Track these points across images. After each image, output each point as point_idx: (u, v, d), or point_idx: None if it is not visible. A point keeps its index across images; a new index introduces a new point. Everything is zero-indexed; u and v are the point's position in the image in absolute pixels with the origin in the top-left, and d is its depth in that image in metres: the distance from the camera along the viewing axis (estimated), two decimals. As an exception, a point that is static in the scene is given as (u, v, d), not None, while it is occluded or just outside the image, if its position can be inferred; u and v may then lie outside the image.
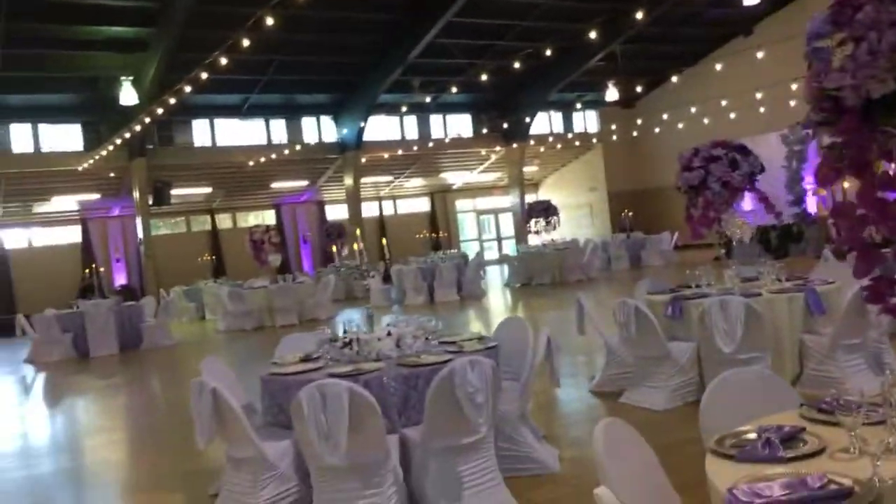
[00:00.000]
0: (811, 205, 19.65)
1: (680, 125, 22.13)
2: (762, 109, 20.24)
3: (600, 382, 6.39)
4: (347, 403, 3.52)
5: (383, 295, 15.91)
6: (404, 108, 20.47)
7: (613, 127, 25.47)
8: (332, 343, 4.54)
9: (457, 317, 13.30)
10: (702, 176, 6.10)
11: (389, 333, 4.48)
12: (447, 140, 23.46)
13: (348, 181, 22.28)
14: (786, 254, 17.44)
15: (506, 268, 19.69)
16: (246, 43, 10.48)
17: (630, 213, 21.54)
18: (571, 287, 15.54)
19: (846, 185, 17.97)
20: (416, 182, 26.41)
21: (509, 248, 25.22)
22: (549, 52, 15.81)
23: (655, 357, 5.73)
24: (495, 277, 20.53)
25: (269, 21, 9.89)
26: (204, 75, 11.99)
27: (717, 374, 5.52)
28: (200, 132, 20.79)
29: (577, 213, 27.50)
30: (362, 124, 21.21)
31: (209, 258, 21.99)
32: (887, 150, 1.84)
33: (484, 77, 17.24)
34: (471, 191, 28.05)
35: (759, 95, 19.98)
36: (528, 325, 5.20)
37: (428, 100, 20.42)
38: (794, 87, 19.78)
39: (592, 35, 14.41)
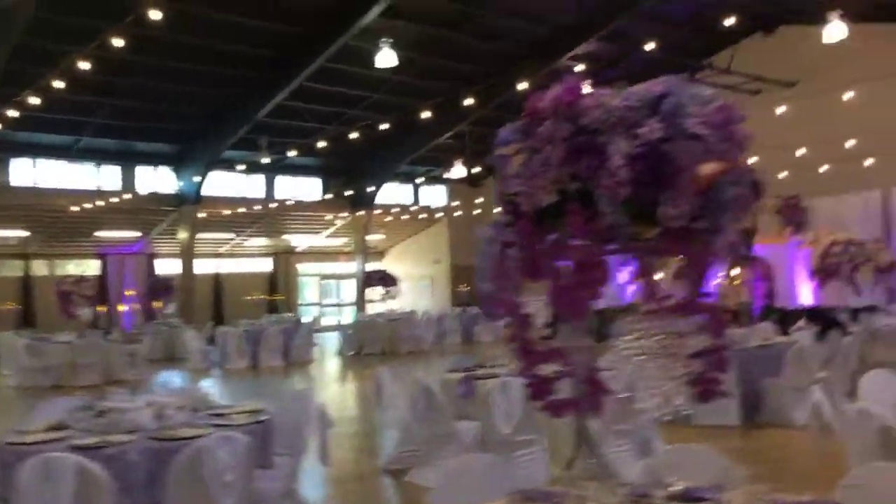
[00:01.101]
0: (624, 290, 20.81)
1: None
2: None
3: (392, 459, 6.33)
4: (73, 479, 3.25)
5: (203, 357, 15.21)
6: (245, 167, 20.14)
7: (457, 203, 26.16)
8: (86, 411, 4.23)
9: (271, 384, 12.92)
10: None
11: (150, 403, 4.23)
12: (293, 202, 23.20)
13: (183, 235, 21.42)
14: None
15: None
16: (60, 84, 9.98)
17: (469, 288, 21.99)
18: (400, 357, 15.54)
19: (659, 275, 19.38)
20: (259, 242, 25.82)
21: (351, 315, 25.03)
22: (387, 126, 16.15)
23: (442, 435, 5.76)
24: (333, 344, 20.23)
25: (88, 66, 9.48)
26: (14, 112, 11.25)
27: (498, 454, 5.55)
28: (20, 172, 19.41)
29: (419, 283, 27.78)
30: (202, 178, 20.60)
31: (14, 306, 20.29)
32: (558, 253, 1.94)
33: (326, 144, 17.33)
34: (315, 255, 27.75)
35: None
36: (314, 397, 5.09)
37: (268, 160, 20.19)
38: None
39: (426, 115, 14.91)
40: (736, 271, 17.69)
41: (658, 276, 2.03)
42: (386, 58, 14.46)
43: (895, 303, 16.28)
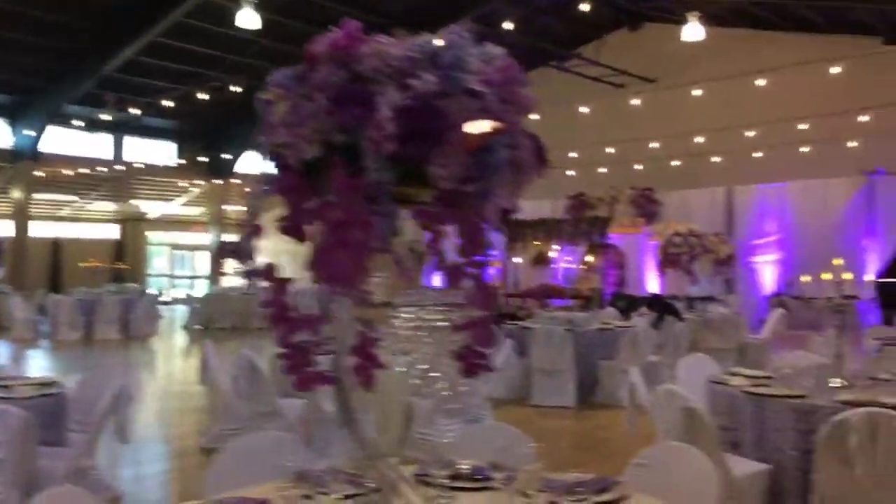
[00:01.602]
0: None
1: None
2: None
3: (212, 438, 5.99)
4: None
5: (30, 327, 14.06)
6: (88, 123, 18.77)
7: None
8: None
9: (99, 357, 12.15)
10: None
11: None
12: (143, 166, 21.89)
13: (17, 194, 19.75)
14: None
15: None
16: None
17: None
18: (251, 333, 15.01)
19: (517, 260, 19.80)
20: (105, 206, 24.24)
21: (204, 288, 23.99)
22: (239, 90, 15.46)
23: (265, 413, 5.51)
24: (180, 318, 19.29)
25: None
26: None
27: (322, 434, 5.35)
28: None
29: (282, 257, 27.02)
30: (40, 133, 19.02)
31: None
32: (323, 213, 1.73)
33: (175, 104, 16.39)
34: (168, 223, 26.38)
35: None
36: (122, 372, 4.70)
37: (115, 118, 18.92)
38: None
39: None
40: (589, 258, 18.33)
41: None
42: (247, 18, 13.76)
43: (732, 293, 17.41)
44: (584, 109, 18.66)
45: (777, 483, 3.92)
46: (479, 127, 1.62)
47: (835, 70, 14.96)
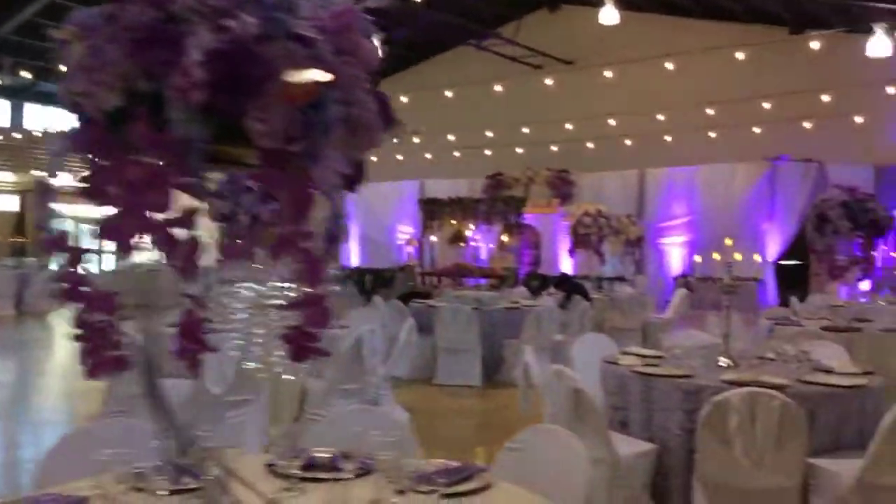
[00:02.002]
0: (403, 252, 20.93)
1: None
2: (399, 157, 21.42)
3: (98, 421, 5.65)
4: None
5: None
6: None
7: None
8: None
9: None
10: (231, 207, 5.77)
11: None
12: (43, 134, 20.73)
13: None
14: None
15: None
16: None
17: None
18: (158, 310, 14.45)
19: (433, 238, 19.71)
20: (3, 177, 22.87)
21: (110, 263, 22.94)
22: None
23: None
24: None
25: None
26: None
27: (209, 417, 5.06)
28: None
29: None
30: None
31: None
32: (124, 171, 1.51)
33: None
34: (73, 195, 25.10)
35: (394, 140, 21.07)
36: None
37: (9, 83, 17.82)
38: (416, 140, 21.27)
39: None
40: (505, 238, 18.38)
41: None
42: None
43: (641, 274, 17.76)
44: (499, 88, 18.55)
45: (663, 462, 3.91)
46: (305, 78, 1.43)
47: (740, 56, 15.29)
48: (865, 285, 15.93)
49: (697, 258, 5.81)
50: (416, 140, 20.00)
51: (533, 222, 19.17)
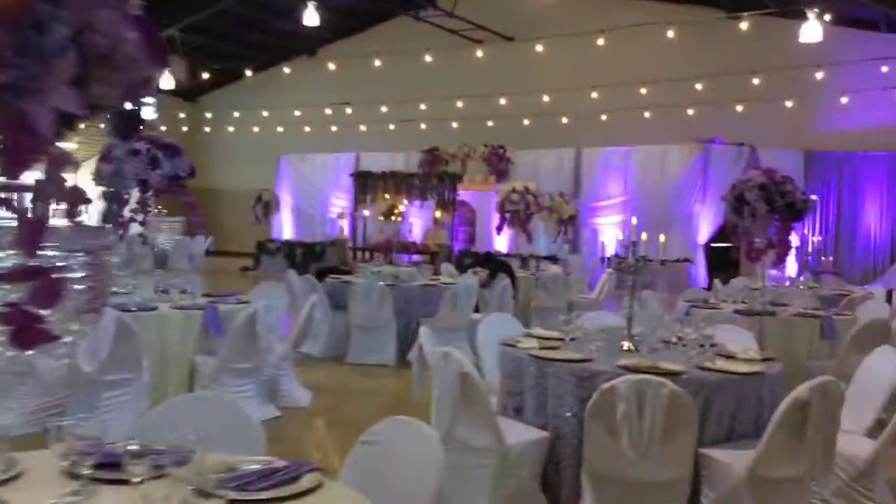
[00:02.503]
0: (336, 225, 20.50)
1: (255, 128, 21.86)
2: (334, 128, 20.89)
3: (-44, 400, 5.21)
4: None
5: None
6: None
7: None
8: None
9: None
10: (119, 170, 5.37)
11: None
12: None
13: None
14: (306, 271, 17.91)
15: None
16: None
17: (164, 212, 20.30)
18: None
19: (366, 212, 19.34)
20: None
21: None
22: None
23: (20, 373, 4.80)
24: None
25: None
26: None
27: (80, 396, 4.65)
28: None
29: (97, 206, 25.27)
30: None
31: None
32: None
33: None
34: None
35: (328, 111, 20.61)
36: None
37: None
38: (349, 111, 20.78)
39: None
40: (439, 214, 18.12)
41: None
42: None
43: (576, 253, 17.74)
44: (429, 59, 18.09)
45: (556, 451, 3.72)
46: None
47: (671, 34, 15.20)
48: (792, 269, 16.25)
49: (604, 237, 5.62)
50: (349, 111, 19.53)
51: (469, 199, 18.96)
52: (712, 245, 16.38)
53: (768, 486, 3.34)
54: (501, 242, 17.78)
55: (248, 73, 21.10)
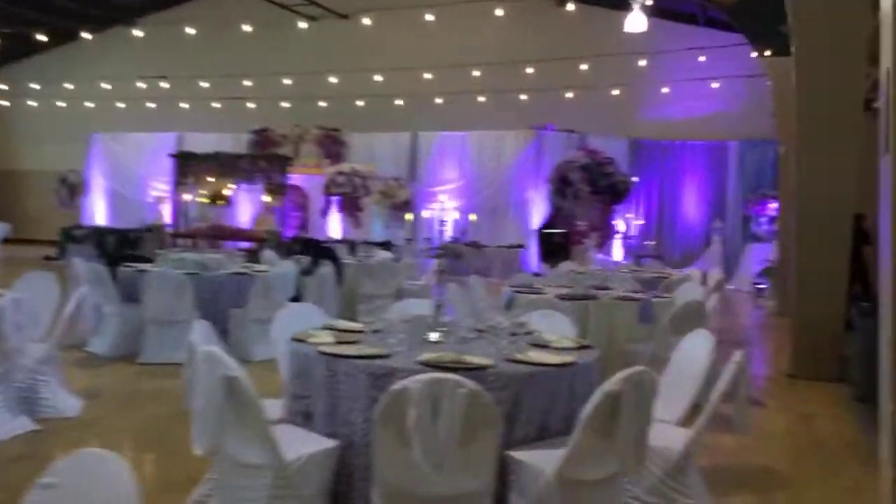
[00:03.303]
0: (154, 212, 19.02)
1: (61, 103, 19.64)
2: (151, 105, 19.17)
3: None
4: None
5: None
6: None
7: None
8: None
9: None
10: None
11: None
12: None
13: None
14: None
15: None
16: None
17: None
18: None
19: (188, 197, 18.01)
20: None
21: None
22: None
23: None
24: None
25: None
26: None
27: None
28: None
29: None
30: None
31: None
32: None
33: None
34: None
35: (141, 85, 18.85)
36: None
37: None
38: (165, 85, 19.19)
39: None
40: (268, 198, 17.16)
41: None
42: None
43: (413, 239, 17.39)
44: (248, 29, 16.80)
45: (347, 463, 3.20)
46: None
47: (499, 13, 14.99)
48: (619, 254, 16.77)
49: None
50: (164, 85, 18.08)
51: (301, 184, 18.12)
52: (545, 230, 16.56)
53: (579, 488, 3.00)
54: (335, 229, 17.12)
55: (45, 39, 18.94)
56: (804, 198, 7.36)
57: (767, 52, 11.21)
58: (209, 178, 17.06)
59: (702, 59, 14.60)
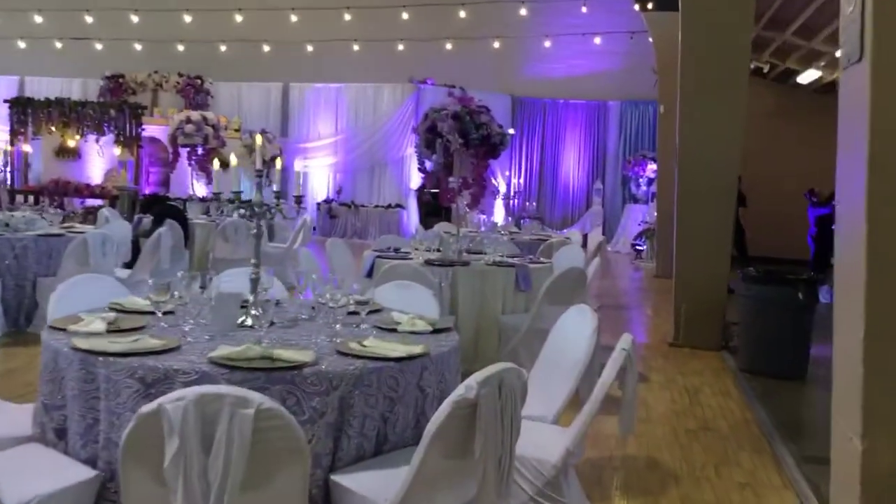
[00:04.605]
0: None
1: None
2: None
3: None
4: None
5: None
6: None
7: None
8: None
9: None
10: None
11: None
12: None
13: None
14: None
15: None
16: None
17: None
18: None
19: (27, 148, 16.07)
20: None
21: None
22: None
23: None
24: None
25: None
26: None
27: None
28: None
29: None
30: None
31: None
32: None
33: None
34: None
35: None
36: None
37: None
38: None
39: None
40: (118, 151, 15.51)
41: None
42: None
43: (282, 199, 16.21)
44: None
45: (108, 501, 2.33)
46: None
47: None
48: (500, 215, 16.24)
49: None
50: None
51: (163, 136, 16.53)
52: (425, 190, 15.78)
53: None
54: (201, 187, 15.71)
55: None
56: (685, 158, 6.91)
57: (650, 6, 10.76)
58: (51, 128, 15.20)
59: (584, 9, 14.05)
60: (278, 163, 4.60)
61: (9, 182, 15.37)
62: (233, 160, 3.47)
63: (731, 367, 6.06)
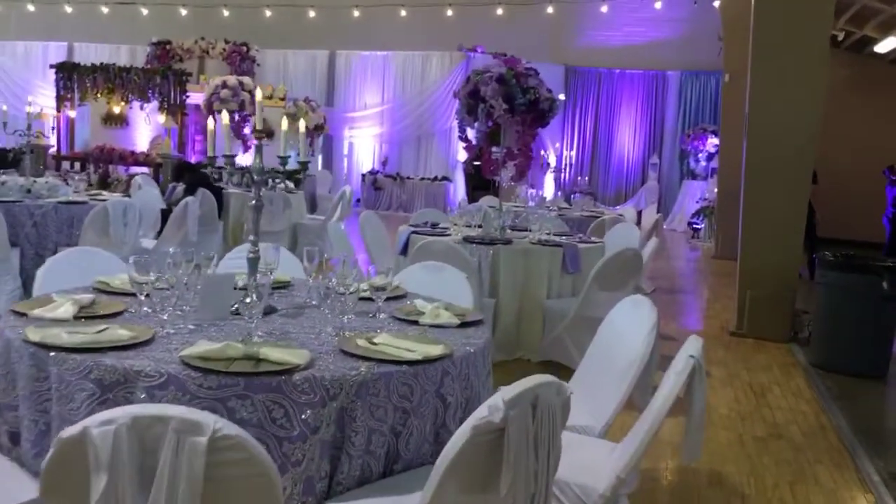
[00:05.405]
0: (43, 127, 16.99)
1: None
2: (31, 7, 16.86)
3: None
4: None
5: None
6: None
7: None
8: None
9: None
10: None
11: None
12: None
13: None
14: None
15: None
16: None
17: None
18: None
19: (72, 114, 16.03)
20: None
21: None
22: None
23: None
24: None
25: None
26: None
27: None
28: None
29: None
30: None
31: None
32: None
33: None
34: None
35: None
36: None
37: None
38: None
39: None
40: (163, 119, 15.34)
41: None
42: None
43: (327, 169, 15.92)
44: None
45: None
46: None
47: None
48: (549, 189, 15.60)
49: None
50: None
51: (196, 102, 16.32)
52: (473, 163, 15.26)
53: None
54: (246, 157, 15.46)
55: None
56: (755, 131, 6.25)
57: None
58: (98, 95, 15.08)
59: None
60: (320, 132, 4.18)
61: (54, 148, 15.35)
62: (283, 124, 3.04)
63: (801, 361, 5.47)
